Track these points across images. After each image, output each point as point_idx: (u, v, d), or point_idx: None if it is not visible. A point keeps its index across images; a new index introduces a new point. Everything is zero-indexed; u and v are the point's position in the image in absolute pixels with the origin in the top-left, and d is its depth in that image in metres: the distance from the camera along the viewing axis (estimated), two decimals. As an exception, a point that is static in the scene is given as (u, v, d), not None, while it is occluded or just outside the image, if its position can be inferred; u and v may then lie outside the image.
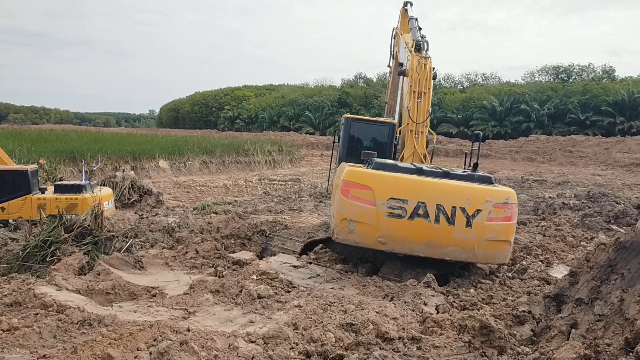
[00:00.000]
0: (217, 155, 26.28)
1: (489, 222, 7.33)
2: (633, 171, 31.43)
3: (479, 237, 7.33)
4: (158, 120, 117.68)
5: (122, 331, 4.88)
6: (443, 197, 7.36)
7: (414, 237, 7.42)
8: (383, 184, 7.48)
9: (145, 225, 10.20)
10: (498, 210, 7.35)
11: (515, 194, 7.64)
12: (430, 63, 9.29)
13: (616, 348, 4.52)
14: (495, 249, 7.46)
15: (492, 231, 7.35)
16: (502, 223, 7.38)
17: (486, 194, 7.40)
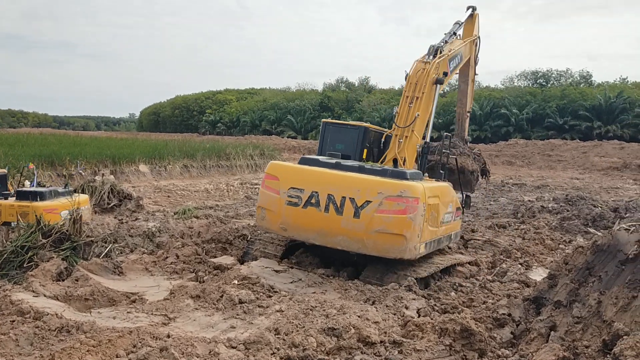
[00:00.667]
0: (199, 159, 26.11)
1: (379, 214, 7.29)
2: (610, 175, 31.94)
3: (367, 229, 7.32)
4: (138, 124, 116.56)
5: (101, 338, 4.82)
6: (335, 187, 7.56)
7: (307, 225, 7.74)
8: (287, 174, 7.99)
9: (125, 230, 10.07)
10: (390, 203, 7.27)
11: (417, 189, 7.35)
12: (432, 68, 9.40)
13: (594, 350, 4.58)
14: (387, 242, 7.35)
15: (383, 223, 7.28)
16: (395, 216, 7.27)
17: (378, 186, 7.39)
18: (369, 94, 71.98)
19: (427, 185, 7.72)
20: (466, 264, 9.07)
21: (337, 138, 9.70)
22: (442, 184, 8.68)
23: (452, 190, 8.80)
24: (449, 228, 8.69)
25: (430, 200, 7.57)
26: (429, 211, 7.55)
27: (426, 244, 7.66)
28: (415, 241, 7.35)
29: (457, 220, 9.11)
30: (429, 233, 7.71)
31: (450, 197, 8.63)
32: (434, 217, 7.78)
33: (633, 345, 4.02)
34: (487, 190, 22.30)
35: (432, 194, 7.66)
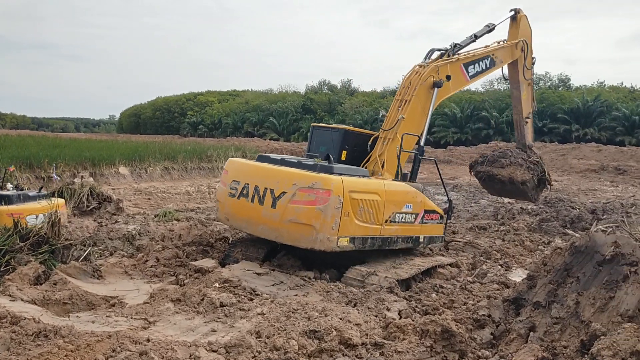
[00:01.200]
0: (180, 161, 25.89)
1: (292, 204, 7.57)
2: (588, 177, 32.42)
3: (281, 218, 7.65)
4: (118, 126, 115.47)
5: (80, 342, 4.75)
6: (261, 179, 8.06)
7: (239, 214, 8.36)
8: (234, 169, 8.79)
9: (105, 233, 9.96)
10: (302, 194, 7.52)
11: (330, 181, 7.46)
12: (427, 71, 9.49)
13: (572, 350, 4.65)
14: (298, 232, 7.57)
15: (294, 214, 7.54)
16: (305, 207, 7.48)
17: (294, 177, 7.72)
18: (351, 97, 72.23)
19: (350, 179, 7.74)
20: (447, 266, 9.13)
21: (321, 141, 9.85)
22: (393, 183, 8.59)
23: (412, 192, 8.65)
24: (409, 229, 8.62)
25: (356, 195, 7.64)
26: (355, 206, 7.64)
27: (352, 239, 7.73)
28: (329, 233, 7.44)
29: (430, 224, 9.01)
30: (359, 229, 7.77)
31: (408, 198, 8.54)
32: (367, 213, 7.84)
33: (610, 345, 4.09)
34: (467, 192, 22.49)
35: (357, 189, 7.71)
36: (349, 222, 7.60)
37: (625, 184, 28.40)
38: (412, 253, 9.29)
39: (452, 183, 26.06)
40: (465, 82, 10.62)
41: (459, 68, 10.18)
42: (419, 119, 9.53)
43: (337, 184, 7.47)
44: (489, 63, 10.93)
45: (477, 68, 10.63)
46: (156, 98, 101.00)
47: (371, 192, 7.98)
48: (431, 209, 9.07)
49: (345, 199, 7.50)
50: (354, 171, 8.18)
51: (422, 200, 8.84)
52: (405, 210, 8.50)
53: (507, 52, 11.43)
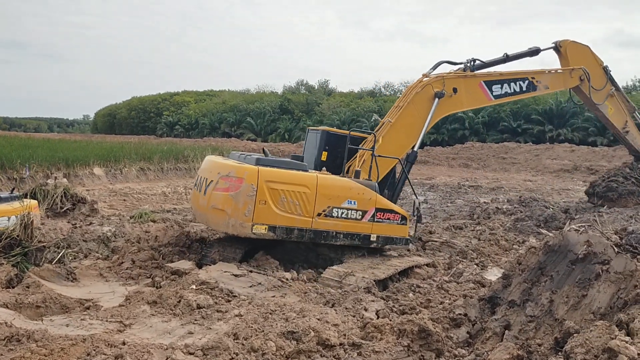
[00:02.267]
0: (156, 162, 25.60)
1: (215, 191, 8.28)
2: (561, 177, 32.97)
3: (208, 204, 8.39)
4: (93, 126, 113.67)
5: (53, 346, 4.67)
6: (208, 171, 8.81)
7: (194, 205, 9.38)
8: (203, 164, 9.47)
9: (79, 235, 9.80)
10: (222, 182, 8.20)
11: (244, 170, 8.08)
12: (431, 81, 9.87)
13: (547, 348, 4.72)
14: (216, 216, 8.27)
15: (215, 200, 8.27)
16: (222, 193, 8.17)
17: (220, 167, 8.55)
18: (328, 97, 72.26)
19: (268, 170, 8.13)
20: (424, 266, 9.19)
21: (310, 142, 10.26)
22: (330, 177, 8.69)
23: (357, 188, 8.65)
24: (353, 226, 8.61)
25: (275, 185, 8.05)
26: (276, 195, 8.05)
27: (272, 228, 8.10)
28: (242, 219, 7.97)
29: (385, 223, 8.90)
30: (281, 218, 8.11)
31: (351, 194, 8.58)
32: (292, 204, 8.16)
33: (583, 343, 4.16)
34: (444, 192, 22.70)
35: (276, 179, 8.10)
36: (266, 210, 8.01)
37: (597, 183, 28.92)
38: (389, 254, 9.35)
39: (429, 183, 26.29)
40: (487, 100, 10.58)
41: (477, 85, 10.25)
42: (410, 125, 9.77)
43: (250, 173, 8.01)
44: (527, 86, 10.74)
45: (507, 89, 10.53)
46: (131, 98, 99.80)
47: (297, 184, 8.25)
48: (387, 208, 8.95)
49: (261, 187, 7.94)
50: (287, 164, 8.56)
51: (373, 198, 8.77)
52: (346, 205, 8.55)
53: (557, 79, 11.27)
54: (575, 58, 11.59)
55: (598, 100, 11.96)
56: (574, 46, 11.66)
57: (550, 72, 11.06)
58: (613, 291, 4.89)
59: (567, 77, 11.40)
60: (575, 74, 11.43)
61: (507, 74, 10.64)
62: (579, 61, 11.66)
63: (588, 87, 11.63)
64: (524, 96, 10.91)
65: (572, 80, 11.45)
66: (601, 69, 12.08)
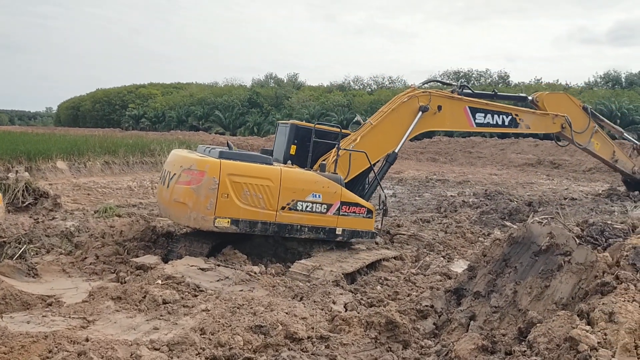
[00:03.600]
0: (121, 156, 25.10)
1: (177, 185, 8.25)
2: (525, 171, 33.63)
3: (170, 198, 8.34)
4: (56, 119, 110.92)
5: (13, 344, 4.54)
6: (172, 165, 8.73)
7: (159, 198, 9.28)
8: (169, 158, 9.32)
9: (41, 230, 9.55)
10: (185, 175, 8.16)
11: (205, 163, 8.07)
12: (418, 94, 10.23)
13: (510, 338, 4.80)
14: (178, 210, 8.23)
15: (177, 193, 8.23)
16: (183, 186, 8.15)
17: (182, 161, 8.50)
18: (298, 91, 72.08)
19: (230, 163, 8.12)
20: (392, 259, 9.26)
21: (279, 135, 10.29)
22: (294, 170, 8.73)
23: (322, 181, 8.68)
24: (318, 220, 8.64)
25: (238, 179, 8.04)
26: (238, 189, 8.04)
27: (235, 221, 8.08)
28: (204, 212, 7.94)
29: (350, 217, 8.94)
30: (244, 212, 8.11)
31: (315, 188, 8.60)
32: (255, 198, 8.16)
33: (545, 332, 4.25)
34: (412, 186, 22.91)
35: (239, 172, 8.10)
36: (228, 204, 7.99)
37: (560, 177, 29.64)
38: (357, 247, 9.39)
39: (398, 177, 26.49)
40: (469, 126, 10.89)
41: (462, 109, 10.57)
42: (390, 132, 10.05)
43: (212, 166, 7.97)
44: (509, 121, 11.04)
45: (490, 120, 10.84)
46: (96, 90, 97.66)
47: (260, 177, 8.24)
48: (352, 201, 8.97)
49: (223, 181, 7.91)
50: (250, 157, 8.54)
51: (338, 191, 8.80)
52: (311, 199, 8.57)
53: (540, 122, 11.55)
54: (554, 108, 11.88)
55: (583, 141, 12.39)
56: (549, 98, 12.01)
57: (534, 114, 11.39)
58: (574, 282, 5.00)
59: (550, 122, 11.75)
60: (558, 120, 11.81)
61: (493, 106, 11.03)
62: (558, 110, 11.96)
63: (571, 132, 12.04)
64: (505, 130, 11.25)
65: (555, 126, 11.83)
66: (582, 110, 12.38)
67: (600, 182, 26.62)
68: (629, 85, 59.02)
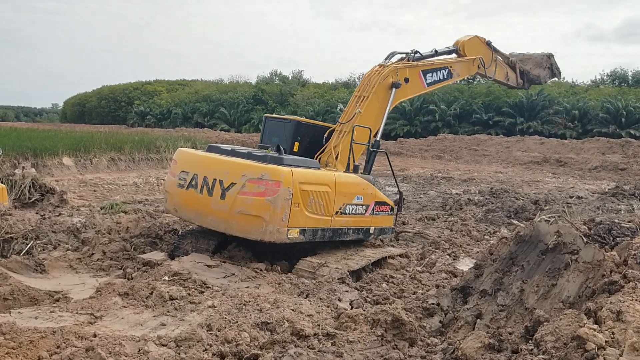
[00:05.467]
0: (127, 152, 25.17)
1: (242, 195, 7.56)
2: (531, 168, 33.54)
3: (231, 210, 7.63)
4: (62, 115, 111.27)
5: (22, 339, 4.57)
6: (211, 170, 7.97)
7: (188, 205, 8.28)
8: (183, 159, 8.68)
9: (48, 226, 9.59)
10: (252, 185, 7.51)
11: (279, 172, 7.60)
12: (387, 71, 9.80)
13: (517, 336, 4.80)
14: (248, 223, 7.59)
15: (243, 205, 7.54)
16: (255, 198, 7.51)
17: (243, 168, 7.71)
18: (302, 88, 72.01)
19: (300, 171, 7.79)
20: (397, 256, 9.26)
21: (273, 132, 9.86)
22: (344, 175, 8.68)
23: (362, 183, 8.76)
24: (359, 221, 8.73)
25: (306, 187, 7.71)
26: (306, 197, 7.72)
27: (302, 231, 7.81)
28: (279, 225, 7.49)
29: (380, 215, 9.14)
30: (309, 220, 7.85)
31: (358, 190, 8.66)
32: (318, 205, 7.93)
33: (552, 331, 4.24)
34: (417, 184, 22.88)
35: (307, 180, 7.79)
36: (299, 213, 7.64)
37: (566, 175, 29.55)
38: (362, 244, 9.39)
39: (402, 175, 26.46)
40: (423, 88, 10.97)
41: (418, 74, 10.56)
42: (376, 115, 9.77)
43: (287, 176, 7.49)
44: (447, 74, 11.39)
45: (435, 77, 11.04)
46: (102, 87, 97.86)
47: (322, 183, 8.03)
48: (382, 200, 9.19)
49: (295, 190, 7.53)
50: (304, 162, 8.20)
51: (373, 192, 8.95)
52: (355, 201, 8.59)
53: (464, 67, 11.97)
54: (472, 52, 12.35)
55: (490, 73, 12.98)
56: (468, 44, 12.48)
57: (461, 61, 11.83)
58: (582, 280, 4.99)
59: (471, 66, 12.28)
60: (475, 62, 12.34)
61: (437, 64, 11.23)
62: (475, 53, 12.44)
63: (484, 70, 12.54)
64: (444, 83, 11.66)
65: (474, 68, 12.36)
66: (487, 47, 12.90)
67: (606, 181, 26.53)
68: (635, 83, 58.70)
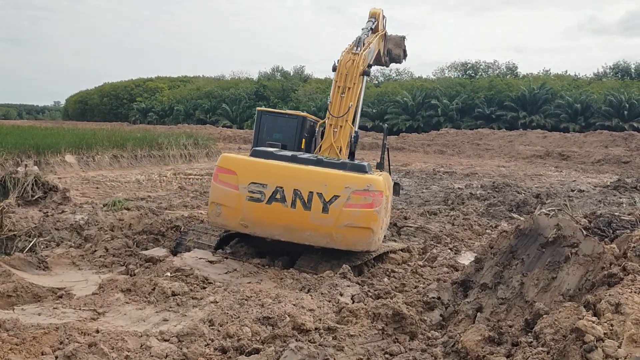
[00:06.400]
0: (129, 149, 25.24)
1: (347, 208, 7.36)
2: (533, 162, 33.52)
3: (336, 223, 7.39)
4: (64, 113, 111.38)
5: (25, 335, 4.61)
6: (301, 182, 7.49)
7: (272, 220, 7.61)
8: (246, 169, 7.74)
9: (51, 224, 9.64)
10: (358, 197, 7.38)
11: (381, 182, 7.58)
12: (360, 59, 9.56)
13: (517, 329, 4.82)
14: (355, 236, 7.49)
15: (351, 217, 7.37)
16: (362, 210, 7.40)
17: (345, 180, 7.46)
18: (304, 83, 71.99)
19: (385, 178, 7.99)
20: (399, 251, 9.28)
21: (274, 127, 9.51)
22: (387, 175, 8.88)
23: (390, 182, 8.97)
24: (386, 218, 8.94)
25: (388, 192, 8.01)
26: (387, 203, 7.99)
27: (384, 234, 8.25)
28: (380, 233, 7.75)
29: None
30: (385, 223, 8.19)
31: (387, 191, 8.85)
32: (388, 208, 8.27)
33: (552, 323, 4.26)
34: (419, 178, 22.89)
35: (388, 186, 8.13)
36: (385, 219, 8.06)
37: (569, 169, 29.53)
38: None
39: (405, 169, 26.46)
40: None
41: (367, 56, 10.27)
42: (356, 105, 9.65)
43: (384, 185, 7.70)
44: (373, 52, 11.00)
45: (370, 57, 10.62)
46: (103, 84, 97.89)
47: (389, 187, 8.39)
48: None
49: (387, 198, 7.87)
50: (370, 168, 8.12)
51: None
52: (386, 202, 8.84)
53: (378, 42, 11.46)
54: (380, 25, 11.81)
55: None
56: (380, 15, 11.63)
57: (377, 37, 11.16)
58: (581, 273, 5.01)
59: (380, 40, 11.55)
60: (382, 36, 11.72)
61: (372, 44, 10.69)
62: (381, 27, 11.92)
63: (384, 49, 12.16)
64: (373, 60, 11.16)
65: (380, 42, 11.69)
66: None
67: (609, 174, 26.49)
68: (638, 75, 58.50)
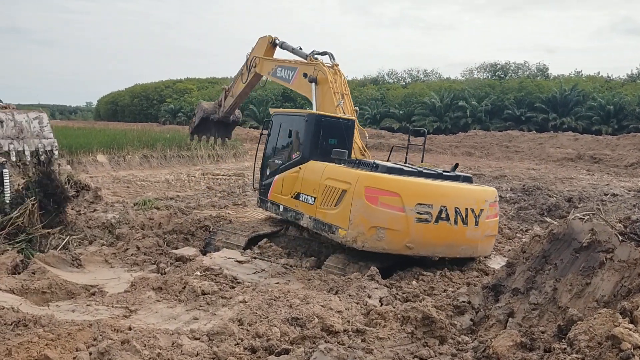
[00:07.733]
0: (159, 149, 25.62)
1: (487, 219, 8.06)
2: (564, 165, 32.89)
3: (482, 234, 8.02)
4: (96, 113, 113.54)
5: (60, 331, 4.71)
6: (458, 200, 7.79)
7: (438, 239, 7.76)
8: (410, 190, 7.60)
9: (83, 222, 9.84)
10: (492, 208, 8.16)
11: (494, 193, 8.46)
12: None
13: (550, 335, 4.74)
14: (489, 243, 8.39)
15: (489, 227, 8.14)
16: (494, 219, 8.31)
17: (484, 194, 8.19)
18: (331, 85, 71.88)
19: None
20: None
21: (330, 133, 8.90)
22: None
23: None
24: None
25: None
26: None
27: None
28: None
29: None
30: None
31: None
32: None
33: (586, 330, 4.18)
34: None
35: None
36: None
37: (601, 172, 28.89)
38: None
39: (432, 171, 26.21)
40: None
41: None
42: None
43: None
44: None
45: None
46: (134, 85, 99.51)
47: None
48: None
49: None
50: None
51: None
52: None
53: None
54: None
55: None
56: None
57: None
58: (617, 279, 4.90)
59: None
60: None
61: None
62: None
63: None
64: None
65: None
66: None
67: (643, 178, 25.84)
68: (674, 77, 56.99)
